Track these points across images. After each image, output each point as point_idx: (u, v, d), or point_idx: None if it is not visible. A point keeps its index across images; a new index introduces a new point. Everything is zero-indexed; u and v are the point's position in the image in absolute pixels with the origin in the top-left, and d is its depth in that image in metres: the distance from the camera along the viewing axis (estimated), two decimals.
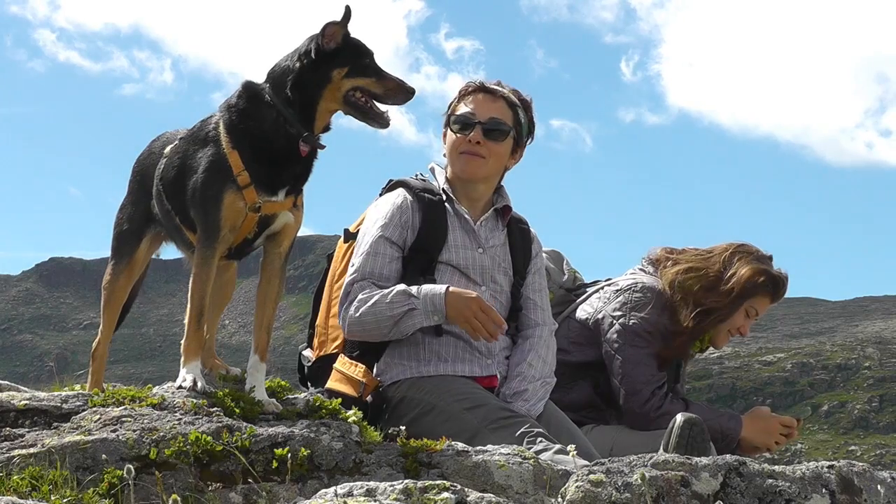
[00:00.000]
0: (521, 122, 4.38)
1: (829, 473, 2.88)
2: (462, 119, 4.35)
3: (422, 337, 4.18)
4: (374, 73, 3.54)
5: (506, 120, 4.35)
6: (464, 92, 4.43)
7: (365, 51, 3.55)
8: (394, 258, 4.17)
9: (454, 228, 4.28)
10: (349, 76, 3.51)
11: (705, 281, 4.78)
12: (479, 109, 4.35)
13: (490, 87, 4.40)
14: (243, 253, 3.65)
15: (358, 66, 3.52)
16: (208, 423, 3.21)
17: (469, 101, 4.40)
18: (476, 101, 4.38)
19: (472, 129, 4.31)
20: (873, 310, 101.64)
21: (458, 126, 4.35)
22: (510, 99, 4.39)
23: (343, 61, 3.51)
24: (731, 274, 4.77)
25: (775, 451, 4.82)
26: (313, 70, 3.49)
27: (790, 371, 77.10)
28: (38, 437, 3.14)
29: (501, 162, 4.38)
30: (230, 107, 3.54)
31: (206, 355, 3.73)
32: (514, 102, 4.39)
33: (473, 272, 4.27)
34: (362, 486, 2.77)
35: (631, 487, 2.73)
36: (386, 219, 4.22)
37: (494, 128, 4.32)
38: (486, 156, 4.31)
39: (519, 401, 4.15)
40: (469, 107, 4.38)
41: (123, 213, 3.85)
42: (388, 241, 4.18)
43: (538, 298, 4.43)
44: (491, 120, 4.32)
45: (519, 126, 4.38)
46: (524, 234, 4.48)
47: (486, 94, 4.39)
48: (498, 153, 4.34)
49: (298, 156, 3.51)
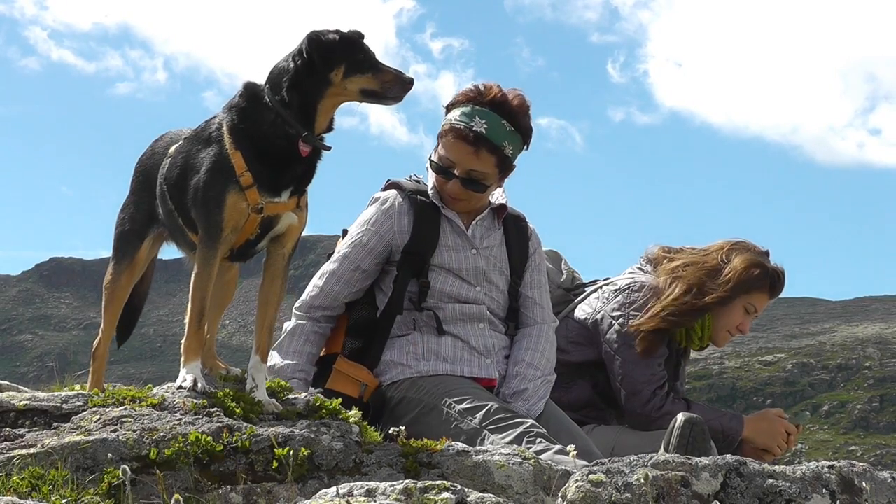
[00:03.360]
0: (508, 155, 4.19)
1: (830, 473, 2.88)
2: (440, 167, 4.23)
3: (421, 337, 4.18)
4: (370, 67, 3.52)
5: (486, 170, 4.16)
6: (442, 132, 4.22)
7: (359, 45, 3.53)
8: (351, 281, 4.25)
9: (446, 231, 4.27)
10: (347, 75, 3.49)
11: (703, 271, 4.79)
12: (457, 158, 4.16)
13: (466, 134, 4.12)
14: (246, 255, 3.64)
15: (353, 62, 3.50)
16: (208, 424, 3.21)
17: (448, 143, 4.19)
18: (455, 147, 4.16)
19: (450, 179, 4.20)
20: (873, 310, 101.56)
21: (437, 172, 4.25)
22: (491, 143, 4.12)
23: (339, 60, 3.49)
24: (728, 267, 4.79)
25: (778, 455, 4.80)
26: (309, 72, 3.48)
27: (790, 371, 77.08)
28: (38, 438, 3.13)
29: (487, 194, 4.30)
30: (232, 107, 3.54)
31: (207, 355, 3.72)
32: (496, 146, 4.12)
33: (467, 274, 4.26)
34: (362, 487, 2.77)
35: (631, 487, 2.73)
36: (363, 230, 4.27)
37: (472, 180, 4.18)
38: (469, 199, 4.26)
39: (519, 400, 4.16)
40: (447, 152, 4.19)
41: (125, 213, 3.84)
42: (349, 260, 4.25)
43: (537, 296, 4.41)
44: (469, 173, 4.17)
45: (506, 161, 4.20)
46: (521, 231, 4.45)
47: (463, 143, 4.13)
48: (480, 197, 4.28)
49: (299, 156, 3.50)
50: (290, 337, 4.26)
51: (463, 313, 4.23)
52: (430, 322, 4.20)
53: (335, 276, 4.28)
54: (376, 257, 4.25)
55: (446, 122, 4.22)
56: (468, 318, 4.24)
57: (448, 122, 4.21)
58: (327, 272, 4.31)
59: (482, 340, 4.23)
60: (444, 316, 4.20)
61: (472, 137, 4.13)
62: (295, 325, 4.29)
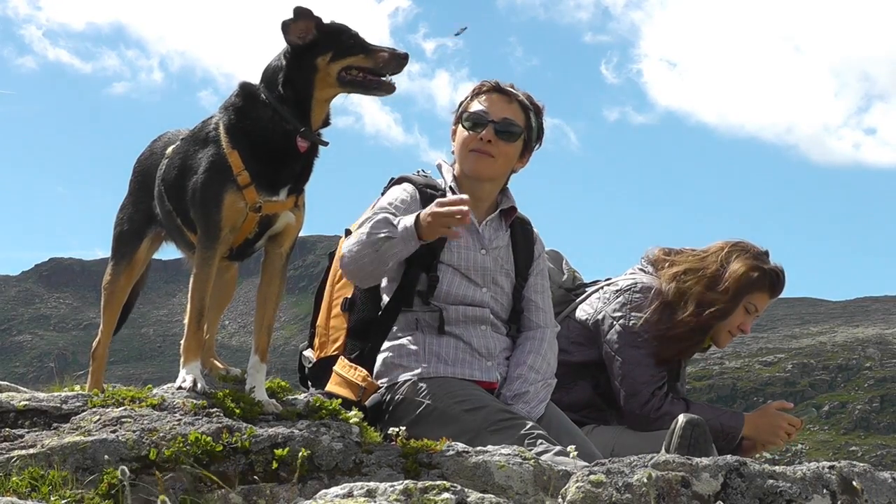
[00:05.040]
0: (532, 126, 4.39)
1: (830, 474, 2.88)
2: (475, 117, 4.36)
3: (422, 338, 4.18)
4: (360, 48, 3.52)
5: (518, 122, 4.35)
6: (478, 91, 4.43)
7: (344, 30, 3.53)
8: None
9: (457, 227, 4.27)
10: (334, 59, 3.49)
11: (704, 281, 4.79)
12: (492, 108, 4.36)
13: (505, 89, 4.40)
14: (245, 254, 3.65)
15: (341, 47, 3.51)
16: (208, 424, 3.21)
17: (483, 99, 4.40)
18: (490, 100, 4.38)
19: (484, 128, 4.32)
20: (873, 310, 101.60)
21: (470, 123, 4.36)
22: (524, 102, 4.39)
23: (325, 47, 3.49)
24: (727, 273, 4.78)
25: (780, 447, 4.83)
26: (299, 64, 3.49)
27: (791, 371, 77.13)
28: (37, 438, 3.13)
29: (510, 163, 4.38)
30: (228, 107, 3.55)
31: (206, 356, 3.72)
32: (527, 106, 4.39)
33: (474, 273, 4.26)
34: (362, 487, 2.77)
35: (631, 488, 2.73)
36: (390, 203, 4.20)
37: (506, 128, 4.33)
38: (496, 155, 4.32)
39: (519, 403, 4.15)
40: (483, 105, 4.38)
41: (124, 214, 3.85)
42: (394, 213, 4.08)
43: (539, 300, 4.42)
44: (504, 120, 4.33)
45: (530, 130, 4.39)
46: (527, 234, 4.48)
47: (500, 95, 4.39)
48: (508, 153, 4.34)
49: (298, 153, 3.50)
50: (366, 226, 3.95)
51: (466, 315, 4.23)
52: (432, 322, 4.19)
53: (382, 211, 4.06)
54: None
55: (482, 83, 4.44)
56: (471, 320, 4.23)
57: (485, 82, 4.44)
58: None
59: (484, 342, 4.23)
60: (448, 317, 4.20)
61: (511, 94, 4.41)
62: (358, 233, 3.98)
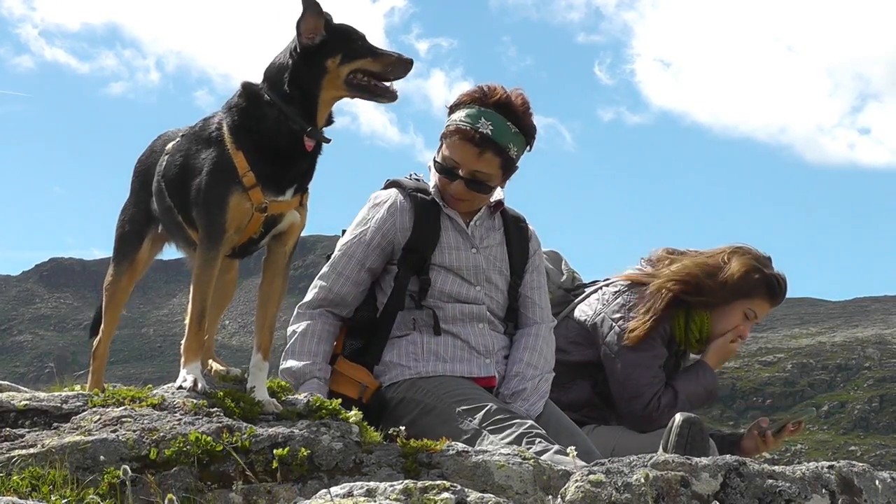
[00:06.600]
0: (512, 157, 4.22)
1: (829, 474, 2.88)
2: (443, 168, 4.24)
3: (420, 337, 4.18)
4: (368, 52, 3.52)
5: (490, 172, 4.18)
6: (447, 133, 4.23)
7: (354, 33, 3.53)
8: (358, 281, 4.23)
9: (447, 229, 4.28)
10: (344, 62, 3.49)
11: (703, 267, 4.82)
12: (462, 159, 4.17)
13: (472, 135, 4.13)
14: (247, 252, 3.64)
15: (350, 49, 3.50)
16: (208, 424, 3.21)
17: (453, 144, 4.19)
18: (460, 148, 4.18)
19: (454, 180, 4.21)
20: (873, 310, 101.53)
21: (441, 173, 4.25)
22: (496, 145, 4.14)
23: (334, 49, 3.49)
24: (728, 269, 4.81)
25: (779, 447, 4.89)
26: (307, 64, 3.48)
27: (790, 371, 77.04)
28: (38, 438, 3.13)
29: (489, 198, 4.32)
30: (232, 107, 3.53)
31: (205, 355, 3.72)
32: (501, 148, 4.15)
33: (467, 273, 4.27)
34: (362, 487, 2.77)
35: (631, 488, 2.73)
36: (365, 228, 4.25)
37: (477, 182, 4.20)
38: (471, 199, 4.27)
39: (518, 400, 4.16)
40: (452, 154, 4.19)
41: (125, 215, 3.84)
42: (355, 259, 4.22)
43: (536, 296, 4.42)
44: (474, 174, 4.18)
45: (510, 162, 4.22)
46: (521, 231, 4.47)
47: (468, 144, 4.14)
48: (483, 198, 4.29)
49: (303, 152, 3.50)
50: (301, 338, 4.19)
51: (462, 313, 4.23)
52: (429, 321, 4.20)
53: (342, 277, 4.25)
54: (381, 254, 4.24)
55: (451, 123, 4.22)
56: (468, 317, 4.24)
57: (453, 123, 4.21)
58: (333, 273, 4.27)
59: (482, 340, 4.23)
60: (444, 315, 4.21)
61: (477, 139, 4.15)
62: (305, 326, 4.21)
